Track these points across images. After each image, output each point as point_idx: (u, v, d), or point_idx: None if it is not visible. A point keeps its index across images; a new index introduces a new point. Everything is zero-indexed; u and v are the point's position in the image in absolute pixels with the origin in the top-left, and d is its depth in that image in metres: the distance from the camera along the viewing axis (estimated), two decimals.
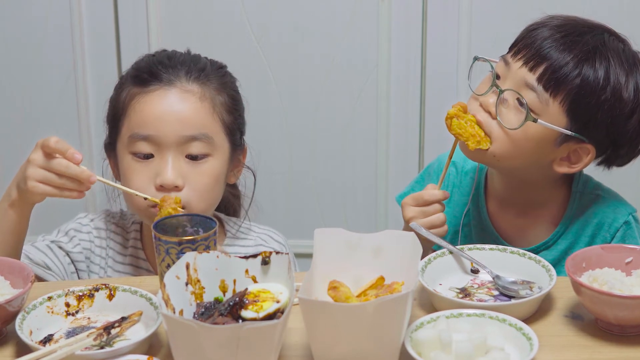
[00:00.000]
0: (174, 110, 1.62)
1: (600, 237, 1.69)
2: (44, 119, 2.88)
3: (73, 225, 1.75)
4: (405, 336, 1.27)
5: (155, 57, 1.69)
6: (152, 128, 1.61)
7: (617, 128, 1.60)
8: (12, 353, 1.35)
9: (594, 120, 1.59)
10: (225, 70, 1.74)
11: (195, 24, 2.76)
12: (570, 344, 1.36)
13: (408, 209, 1.65)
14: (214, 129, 1.64)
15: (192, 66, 1.67)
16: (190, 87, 1.64)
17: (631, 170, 2.77)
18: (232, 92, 1.72)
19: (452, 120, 1.63)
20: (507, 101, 1.61)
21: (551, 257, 1.70)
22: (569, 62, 1.57)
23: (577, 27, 1.63)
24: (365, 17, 2.74)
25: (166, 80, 1.64)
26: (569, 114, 1.59)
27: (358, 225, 2.87)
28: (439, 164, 1.85)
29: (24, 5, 2.78)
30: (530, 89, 1.59)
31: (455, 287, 1.50)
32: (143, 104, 1.63)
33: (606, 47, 1.60)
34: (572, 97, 1.57)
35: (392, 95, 2.80)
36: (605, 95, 1.57)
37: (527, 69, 1.59)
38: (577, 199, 1.71)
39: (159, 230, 1.38)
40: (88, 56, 2.82)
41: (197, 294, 1.32)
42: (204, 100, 1.64)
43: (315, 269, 1.35)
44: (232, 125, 1.69)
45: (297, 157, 2.85)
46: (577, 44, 1.59)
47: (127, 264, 1.74)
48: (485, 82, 1.66)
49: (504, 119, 1.61)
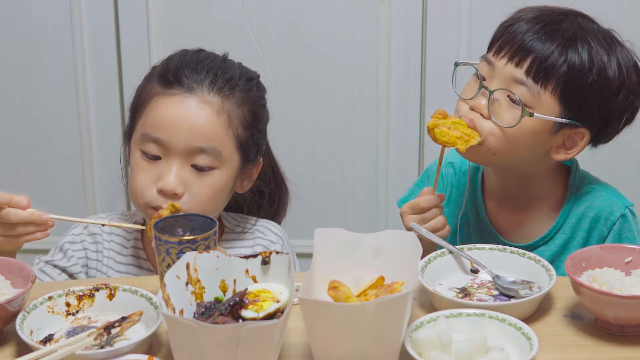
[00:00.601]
0: (187, 119, 1.60)
1: (597, 230, 1.70)
2: (44, 119, 2.88)
3: (67, 238, 1.75)
4: (405, 336, 1.27)
5: (185, 58, 1.67)
6: (164, 132, 1.60)
7: (607, 107, 1.62)
8: (13, 353, 1.35)
9: (586, 103, 1.61)
10: (254, 83, 1.70)
11: (195, 24, 2.76)
12: (570, 344, 1.36)
13: (407, 217, 1.66)
14: (224, 143, 1.62)
15: (219, 75, 1.64)
16: (210, 99, 1.62)
17: (629, 167, 2.79)
18: (255, 107, 1.68)
19: (433, 131, 1.64)
20: (497, 100, 1.62)
21: (549, 252, 1.71)
22: (554, 51, 1.59)
23: (552, 15, 1.65)
24: (365, 17, 2.74)
25: (188, 86, 1.61)
26: (561, 102, 1.60)
27: (358, 225, 2.87)
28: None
29: (24, 5, 2.78)
30: (520, 84, 1.60)
31: (455, 287, 1.50)
32: (161, 105, 1.62)
33: (584, 30, 1.62)
34: (562, 85, 1.59)
35: (392, 95, 2.80)
36: (593, 76, 1.59)
37: (513, 64, 1.60)
38: (574, 193, 1.72)
39: (159, 230, 1.38)
40: (88, 56, 2.82)
41: (197, 293, 1.32)
42: (221, 114, 1.62)
43: (315, 269, 1.35)
44: (246, 140, 1.66)
45: (297, 157, 2.85)
46: (557, 32, 1.61)
47: (128, 264, 1.74)
48: (471, 84, 1.67)
49: (498, 118, 1.61)
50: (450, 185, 1.83)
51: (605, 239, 1.69)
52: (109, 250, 1.75)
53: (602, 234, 1.69)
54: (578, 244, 1.70)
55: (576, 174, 1.73)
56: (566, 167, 1.76)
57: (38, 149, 2.92)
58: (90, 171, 2.92)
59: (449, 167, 1.84)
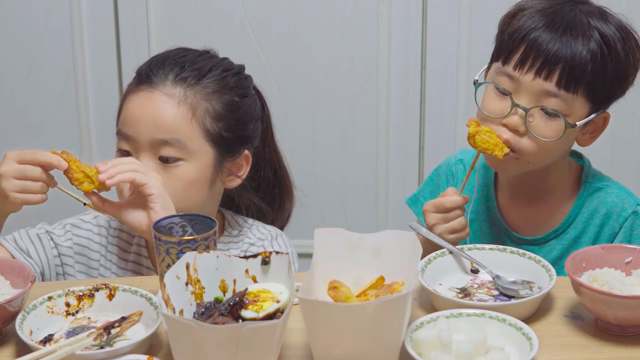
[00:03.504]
0: (149, 112, 1.63)
1: (609, 226, 1.71)
2: (44, 119, 2.88)
3: (73, 220, 1.76)
4: (405, 336, 1.27)
5: (158, 56, 1.70)
6: (131, 128, 1.63)
7: (625, 80, 1.64)
8: (12, 353, 1.35)
9: (610, 89, 1.62)
10: (231, 74, 1.70)
11: (195, 24, 2.76)
12: (570, 344, 1.36)
13: (430, 215, 1.66)
14: (189, 134, 1.62)
15: (186, 67, 1.65)
16: (173, 91, 1.63)
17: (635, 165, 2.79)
18: (232, 98, 1.68)
19: (474, 138, 1.63)
20: (532, 115, 1.61)
21: (560, 246, 1.72)
22: (576, 54, 1.58)
23: (555, 9, 1.63)
24: (365, 17, 2.74)
25: (153, 82, 1.65)
26: (589, 99, 1.61)
27: (358, 225, 2.87)
28: (448, 165, 1.85)
29: (24, 5, 2.78)
30: (553, 96, 1.59)
31: (455, 287, 1.50)
32: (130, 102, 1.66)
33: (586, 14, 1.62)
34: (589, 83, 1.59)
35: (392, 95, 2.80)
36: (611, 62, 1.60)
37: (542, 78, 1.59)
38: (586, 188, 1.73)
39: (158, 230, 1.38)
40: (88, 56, 2.82)
41: (197, 294, 1.32)
42: (182, 104, 1.62)
43: (315, 269, 1.35)
44: (219, 132, 1.65)
45: (297, 157, 2.85)
46: (572, 29, 1.59)
47: (130, 261, 1.75)
48: (494, 100, 1.65)
49: (538, 133, 1.60)
50: (462, 183, 1.83)
51: (617, 235, 1.69)
52: (114, 246, 1.75)
53: (613, 229, 1.70)
54: (589, 239, 1.70)
55: (589, 172, 1.75)
56: (577, 162, 1.78)
57: (38, 149, 2.91)
58: None
59: (459, 164, 1.84)
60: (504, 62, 1.64)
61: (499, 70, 1.64)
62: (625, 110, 2.70)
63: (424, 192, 1.88)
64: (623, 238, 1.69)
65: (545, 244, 1.72)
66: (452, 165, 1.84)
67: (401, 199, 2.29)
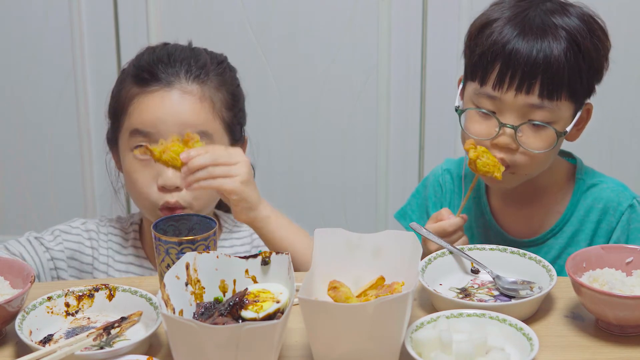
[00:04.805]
0: (174, 111, 1.63)
1: (606, 221, 1.71)
2: (44, 119, 2.88)
3: (62, 227, 1.76)
4: (406, 336, 1.27)
5: (155, 54, 1.69)
6: (153, 128, 1.62)
7: (601, 68, 1.64)
8: (12, 353, 1.34)
9: (587, 85, 1.62)
10: (225, 66, 1.74)
11: (195, 24, 2.76)
12: (571, 344, 1.36)
13: (432, 242, 1.62)
14: (214, 127, 1.66)
15: (192, 64, 1.67)
16: (190, 88, 1.65)
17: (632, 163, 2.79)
18: (232, 87, 1.73)
19: (476, 162, 1.63)
20: (520, 130, 1.61)
21: (558, 244, 1.72)
22: (555, 59, 1.57)
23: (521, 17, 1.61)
24: (365, 17, 2.74)
25: (166, 81, 1.64)
26: (573, 99, 1.61)
27: (358, 225, 2.87)
28: (435, 176, 1.85)
29: (24, 5, 2.78)
30: (538, 108, 1.59)
31: (455, 287, 1.50)
32: (144, 104, 1.64)
33: (549, 14, 1.61)
34: (569, 85, 1.59)
35: (392, 95, 2.80)
36: (584, 58, 1.59)
37: (524, 93, 1.58)
38: (580, 185, 1.73)
39: (158, 231, 1.38)
40: (88, 56, 2.82)
41: (197, 294, 1.32)
42: (204, 100, 1.65)
43: (315, 269, 1.35)
44: (231, 121, 1.70)
45: (297, 157, 2.85)
46: (542, 35, 1.58)
47: (128, 263, 1.74)
48: (478, 121, 1.63)
49: (530, 146, 1.61)
50: (450, 192, 1.83)
51: (614, 229, 1.69)
52: (108, 249, 1.75)
53: (610, 224, 1.70)
54: (587, 236, 1.70)
55: (582, 169, 1.75)
56: (569, 157, 1.78)
57: (38, 149, 2.92)
58: (89, 171, 2.91)
59: (446, 174, 1.83)
60: (482, 82, 1.62)
61: (478, 91, 1.63)
62: (625, 110, 2.71)
63: (412, 206, 1.87)
64: (621, 232, 1.69)
65: (542, 244, 1.72)
66: (439, 177, 1.84)
67: (401, 199, 2.29)
